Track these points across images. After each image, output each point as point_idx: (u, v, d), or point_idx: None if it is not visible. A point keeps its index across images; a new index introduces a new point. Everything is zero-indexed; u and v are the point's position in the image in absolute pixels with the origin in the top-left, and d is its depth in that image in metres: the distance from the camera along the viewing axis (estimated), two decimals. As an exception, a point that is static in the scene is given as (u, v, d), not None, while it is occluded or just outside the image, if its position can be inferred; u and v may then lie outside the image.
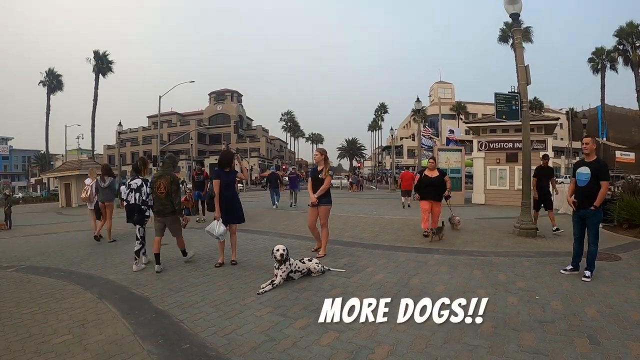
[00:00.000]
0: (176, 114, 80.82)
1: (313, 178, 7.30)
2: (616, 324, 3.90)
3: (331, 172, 7.36)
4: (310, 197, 7.20)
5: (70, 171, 27.40)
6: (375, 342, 3.61)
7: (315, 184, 7.20)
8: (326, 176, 7.17)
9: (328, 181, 7.16)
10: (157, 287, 5.56)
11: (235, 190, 6.97)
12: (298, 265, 5.73)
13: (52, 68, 52.34)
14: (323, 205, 7.18)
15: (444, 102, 60.91)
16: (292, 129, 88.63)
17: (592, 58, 46.78)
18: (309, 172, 7.76)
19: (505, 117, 9.98)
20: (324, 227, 7.26)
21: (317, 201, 7.11)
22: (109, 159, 72.16)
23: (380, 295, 4.95)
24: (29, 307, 4.88)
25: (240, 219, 6.87)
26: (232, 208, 6.74)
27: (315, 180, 7.22)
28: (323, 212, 7.20)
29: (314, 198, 7.11)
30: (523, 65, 9.45)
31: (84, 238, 10.53)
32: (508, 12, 9.46)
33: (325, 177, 7.16)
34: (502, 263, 6.57)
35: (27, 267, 7.19)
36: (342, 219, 13.05)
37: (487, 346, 3.47)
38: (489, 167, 18.70)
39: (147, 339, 3.80)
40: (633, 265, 6.27)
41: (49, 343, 3.77)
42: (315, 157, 7.38)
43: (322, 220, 7.23)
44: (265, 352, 3.44)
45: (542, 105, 60.21)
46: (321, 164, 7.27)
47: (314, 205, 7.19)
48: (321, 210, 7.18)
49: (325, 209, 7.22)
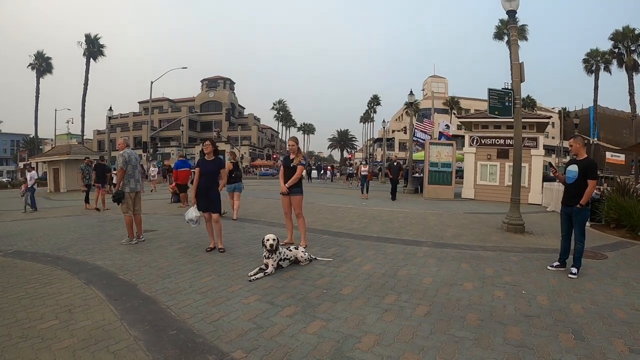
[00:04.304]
0: (168, 100, 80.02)
1: (285, 167, 7.24)
2: (601, 321, 3.95)
3: (303, 162, 7.24)
4: (281, 186, 7.15)
5: (59, 156, 27.07)
6: (362, 331, 3.63)
7: (287, 173, 7.15)
8: (298, 165, 7.09)
9: (299, 171, 7.07)
10: (144, 273, 5.54)
11: (215, 180, 6.99)
12: (286, 253, 5.76)
13: (42, 51, 51.29)
14: (294, 195, 7.13)
15: (437, 97, 60.96)
16: (284, 118, 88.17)
17: (587, 59, 47.02)
18: (282, 160, 7.67)
19: (498, 113, 10.02)
20: (299, 217, 7.20)
21: (287, 190, 7.06)
22: (99, 144, 71.47)
23: (368, 285, 5.00)
24: (15, 292, 4.83)
25: (214, 208, 6.89)
26: (207, 196, 6.84)
27: (287, 169, 7.17)
28: (296, 202, 7.16)
29: (284, 187, 7.07)
30: (517, 63, 9.47)
31: (72, 223, 10.45)
32: (505, 9, 9.46)
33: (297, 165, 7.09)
34: (489, 257, 6.63)
35: (14, 252, 7.11)
36: (330, 209, 13.10)
37: (473, 338, 3.51)
38: (480, 163, 18.79)
39: (134, 324, 3.78)
40: (619, 264, 6.36)
41: (36, 328, 3.73)
42: (290, 146, 7.23)
43: (297, 210, 7.19)
44: (253, 340, 3.44)
45: (535, 104, 60.39)
46: (294, 153, 7.17)
47: (285, 194, 7.13)
48: (294, 200, 7.14)
49: (297, 198, 7.16)
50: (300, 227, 7.21)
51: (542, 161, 18.30)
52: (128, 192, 7.54)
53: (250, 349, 3.29)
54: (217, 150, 7.06)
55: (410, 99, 24.93)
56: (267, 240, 5.48)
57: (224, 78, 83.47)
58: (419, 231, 9.10)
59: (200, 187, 6.85)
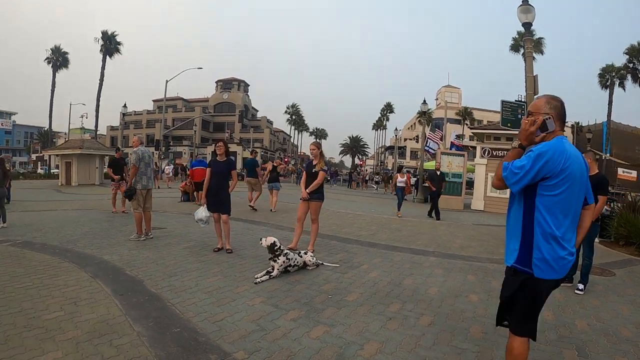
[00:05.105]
0: (182, 100, 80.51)
1: (307, 172, 7.20)
2: (605, 338, 3.90)
3: (325, 168, 7.20)
4: (302, 192, 7.11)
5: (72, 150, 27.34)
6: (364, 338, 3.62)
7: (309, 178, 7.11)
8: (320, 171, 7.04)
9: (321, 176, 7.03)
10: (151, 269, 5.58)
11: (226, 180, 7.01)
12: (297, 259, 5.76)
13: (59, 45, 51.95)
14: (314, 200, 7.08)
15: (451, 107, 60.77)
16: (296, 122, 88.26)
17: (602, 74, 46.61)
18: (305, 166, 7.65)
19: (510, 125, 9.99)
20: (315, 222, 7.18)
21: (308, 196, 7.01)
22: (112, 140, 72.11)
23: (374, 292, 4.98)
24: (22, 281, 4.89)
25: (224, 209, 6.92)
26: (217, 197, 6.88)
27: (309, 174, 7.13)
28: (314, 208, 7.11)
29: (305, 193, 7.02)
30: (532, 75, 9.44)
31: (82, 217, 10.55)
32: (521, 21, 9.44)
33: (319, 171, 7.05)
34: (496, 270, 6.57)
35: (23, 242, 7.20)
36: (340, 215, 13.08)
37: (476, 350, 3.48)
38: (491, 175, 18.63)
39: (138, 320, 3.81)
40: (627, 282, 6.28)
41: (40, 318, 3.77)
42: (312, 151, 7.19)
43: (313, 216, 7.14)
44: (255, 341, 3.45)
45: (548, 117, 59.94)
46: (316, 158, 7.13)
47: (305, 200, 7.10)
48: (312, 205, 7.09)
49: (317, 204, 7.13)
50: (312, 232, 7.18)
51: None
52: (139, 189, 7.66)
53: (252, 350, 3.29)
54: (228, 152, 7.11)
55: (423, 108, 24.90)
56: (266, 240, 5.55)
57: (238, 80, 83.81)
58: (427, 241, 9.05)
59: (211, 187, 6.89)
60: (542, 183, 2.34)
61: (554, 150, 2.31)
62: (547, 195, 2.34)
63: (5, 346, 3.20)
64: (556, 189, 2.33)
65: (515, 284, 2.47)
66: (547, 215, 2.35)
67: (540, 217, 2.36)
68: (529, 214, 2.41)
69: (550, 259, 2.34)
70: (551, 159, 2.29)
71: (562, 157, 2.31)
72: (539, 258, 2.35)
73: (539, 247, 2.36)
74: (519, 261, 2.44)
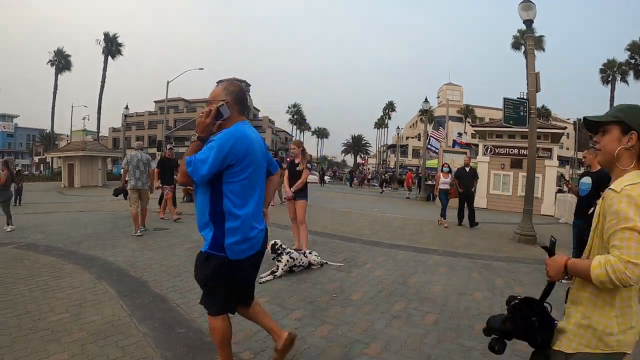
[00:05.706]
0: (183, 100, 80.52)
1: (290, 171, 7.00)
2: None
3: (309, 166, 7.04)
4: (286, 191, 6.97)
5: (74, 152, 27.42)
6: (369, 337, 3.62)
7: (292, 177, 6.93)
8: (304, 170, 6.86)
9: (305, 175, 6.81)
10: (155, 270, 5.59)
11: None
12: (302, 260, 5.76)
13: (61, 48, 52.11)
14: (300, 199, 6.84)
15: (452, 104, 60.67)
16: (298, 122, 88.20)
17: (603, 69, 46.47)
18: (287, 165, 7.52)
19: (513, 122, 9.95)
20: (302, 223, 6.84)
21: (292, 195, 6.84)
22: (114, 141, 72.20)
23: (378, 291, 4.98)
24: (27, 284, 4.90)
25: None
26: None
27: (293, 173, 6.94)
28: (300, 208, 6.82)
29: (290, 192, 6.86)
30: (533, 72, 9.40)
31: (85, 219, 10.58)
32: (522, 18, 9.41)
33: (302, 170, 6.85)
34: (500, 268, 6.57)
35: (27, 244, 7.22)
36: (343, 214, 13.08)
37: (481, 348, 3.47)
38: (493, 172, 18.67)
39: (143, 321, 3.82)
40: None
41: (46, 320, 3.78)
42: (292, 150, 7.02)
43: (299, 217, 6.83)
44: (261, 341, 3.45)
45: (550, 114, 59.79)
46: (298, 157, 6.92)
47: (290, 199, 6.94)
48: (298, 205, 6.83)
49: (301, 204, 6.84)
50: (301, 236, 6.84)
51: (555, 172, 18.12)
52: (129, 188, 8.44)
53: (258, 350, 3.30)
54: None
55: (424, 106, 24.82)
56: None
57: (240, 80, 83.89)
58: (430, 239, 9.05)
59: None
60: (227, 171, 2.38)
61: (235, 137, 2.37)
62: (233, 182, 2.39)
63: (11, 348, 3.21)
64: (242, 174, 2.40)
65: (208, 269, 2.51)
66: (236, 199, 2.41)
67: (229, 202, 2.41)
68: (217, 202, 2.44)
69: (243, 240, 2.44)
70: (234, 146, 2.34)
71: (245, 142, 2.38)
72: (233, 242, 2.42)
73: (232, 231, 2.42)
74: (213, 247, 2.46)
